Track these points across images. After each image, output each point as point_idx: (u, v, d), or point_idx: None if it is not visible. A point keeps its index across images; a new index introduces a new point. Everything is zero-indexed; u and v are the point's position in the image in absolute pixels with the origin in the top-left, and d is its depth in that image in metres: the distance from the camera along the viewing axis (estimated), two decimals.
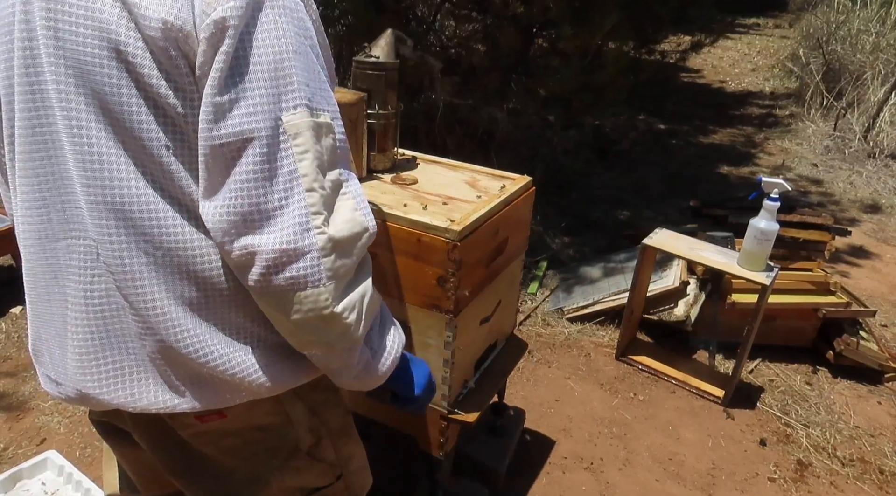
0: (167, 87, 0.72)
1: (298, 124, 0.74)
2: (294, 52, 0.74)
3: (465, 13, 3.72)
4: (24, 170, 0.80)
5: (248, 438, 0.96)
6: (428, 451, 1.57)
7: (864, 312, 2.67)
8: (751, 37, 9.20)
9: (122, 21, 0.70)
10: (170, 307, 0.80)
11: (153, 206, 0.76)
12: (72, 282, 0.82)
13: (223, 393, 0.86)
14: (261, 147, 0.72)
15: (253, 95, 0.71)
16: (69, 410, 2.19)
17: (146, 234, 0.77)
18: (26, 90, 0.76)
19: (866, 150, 5.26)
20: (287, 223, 0.73)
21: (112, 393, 0.84)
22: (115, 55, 0.71)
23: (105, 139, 0.74)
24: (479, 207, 1.36)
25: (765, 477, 2.14)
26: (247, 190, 0.72)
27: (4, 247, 2.75)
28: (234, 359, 0.83)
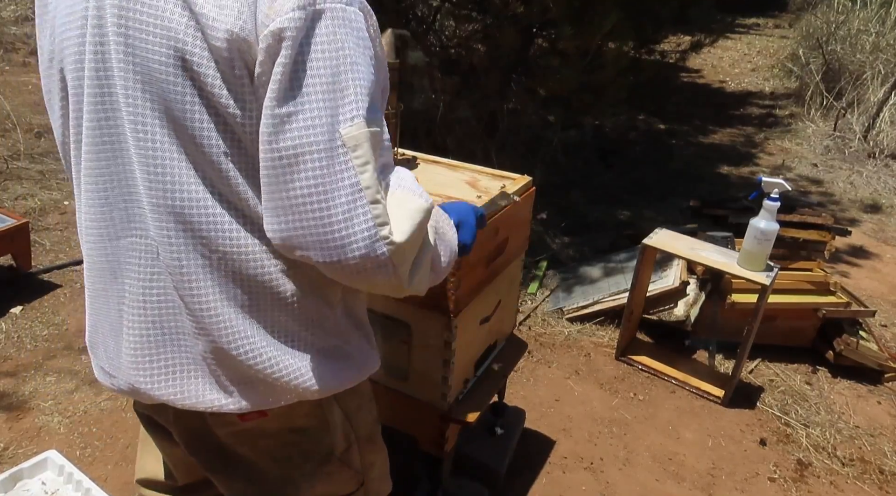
0: (228, 96, 0.73)
1: (357, 136, 0.73)
2: (352, 63, 0.73)
3: (465, 13, 3.73)
4: (90, 168, 0.82)
5: (284, 440, 0.97)
6: (428, 451, 1.57)
7: (864, 312, 2.67)
8: (751, 37, 9.20)
9: (189, 30, 0.71)
10: (223, 309, 0.82)
11: (211, 211, 0.78)
12: (130, 280, 0.84)
13: (269, 394, 0.88)
14: (319, 160, 0.72)
15: (311, 107, 0.71)
16: (69, 410, 2.19)
17: (203, 237, 0.79)
18: (96, 92, 0.78)
19: (866, 150, 5.26)
20: (357, 238, 0.74)
21: (162, 388, 0.87)
22: (181, 63, 0.72)
23: (168, 144, 0.76)
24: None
25: (765, 476, 2.14)
26: (308, 205, 0.73)
27: (5, 247, 2.75)
28: (283, 362, 0.85)
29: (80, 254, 3.10)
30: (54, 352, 2.47)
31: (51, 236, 3.24)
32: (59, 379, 2.33)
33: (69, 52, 0.80)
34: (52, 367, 2.38)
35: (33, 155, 4.04)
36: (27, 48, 5.81)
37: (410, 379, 1.49)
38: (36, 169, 3.88)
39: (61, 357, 2.44)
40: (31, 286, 2.84)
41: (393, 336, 1.44)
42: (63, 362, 2.42)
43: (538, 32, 3.62)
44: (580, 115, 4.38)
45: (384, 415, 1.57)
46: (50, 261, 3.03)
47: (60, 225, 3.37)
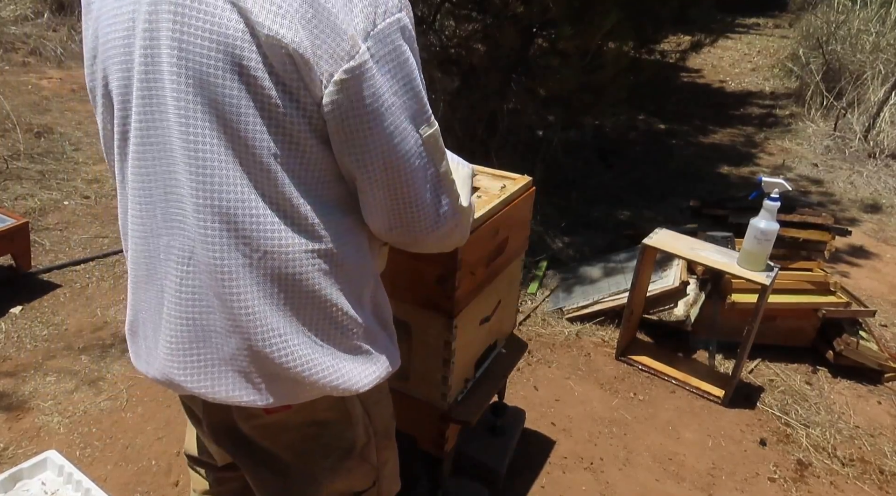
0: (283, 100, 0.76)
1: (432, 133, 0.85)
2: (415, 68, 0.81)
3: (465, 13, 3.72)
4: (136, 167, 0.85)
5: (306, 434, 1.00)
6: (428, 451, 1.57)
7: (864, 312, 2.67)
8: (751, 37, 9.19)
9: (245, 37, 0.73)
10: (259, 307, 0.84)
11: (256, 211, 0.81)
12: (169, 276, 0.87)
13: (298, 391, 0.91)
14: (412, 163, 0.83)
15: (399, 122, 0.80)
16: (69, 410, 2.19)
17: (246, 236, 0.81)
18: (144, 94, 0.81)
19: (866, 150, 5.26)
20: (444, 214, 0.91)
21: (194, 382, 0.90)
22: (235, 68, 0.75)
23: (217, 146, 0.78)
24: (479, 208, 1.36)
25: (765, 477, 2.14)
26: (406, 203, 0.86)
27: (4, 247, 2.75)
28: (314, 360, 0.88)
29: (79, 254, 3.10)
30: (54, 352, 2.47)
31: (50, 236, 3.24)
32: (58, 379, 2.33)
33: (114, 52, 0.83)
34: (52, 367, 2.38)
35: (33, 155, 4.04)
36: (27, 48, 5.81)
37: (410, 379, 1.49)
38: (36, 169, 3.88)
39: (61, 357, 2.44)
40: (31, 286, 2.84)
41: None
42: (63, 362, 2.42)
43: (538, 32, 3.62)
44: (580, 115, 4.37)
45: None
46: (50, 262, 3.03)
47: (60, 225, 3.37)
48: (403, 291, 1.38)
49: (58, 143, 4.27)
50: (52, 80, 5.43)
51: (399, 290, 1.38)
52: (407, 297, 1.38)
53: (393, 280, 1.38)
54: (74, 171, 3.94)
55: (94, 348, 2.50)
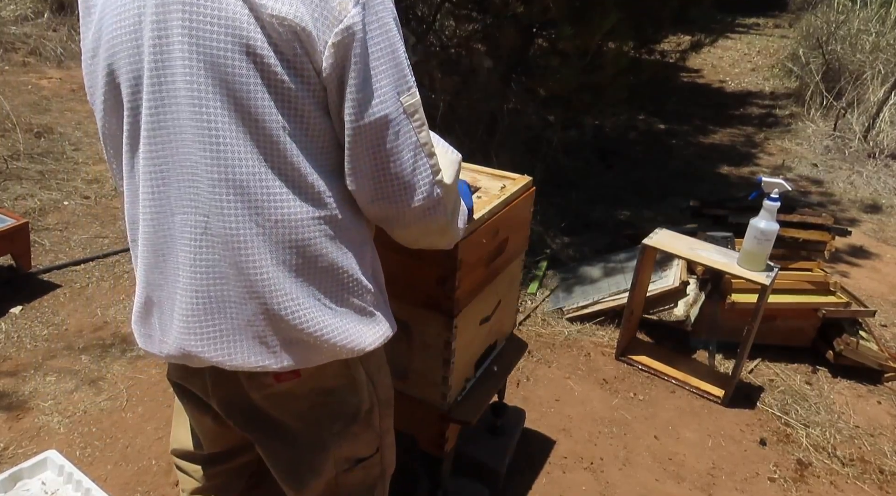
0: (289, 75, 0.83)
1: (413, 103, 0.90)
2: (398, 40, 0.88)
3: (465, 13, 3.72)
4: (149, 153, 0.90)
5: (314, 402, 1.05)
6: (428, 451, 1.57)
7: (864, 312, 2.67)
8: (751, 37, 9.20)
9: (250, 20, 0.80)
10: (274, 272, 0.90)
11: (267, 183, 0.87)
12: (183, 252, 0.91)
13: (310, 353, 0.96)
14: (392, 129, 0.88)
15: (382, 85, 0.86)
16: (69, 410, 2.19)
17: (259, 207, 0.87)
18: (155, 82, 0.86)
19: (866, 150, 5.26)
20: (422, 184, 0.93)
21: (211, 351, 0.94)
22: (243, 50, 0.81)
23: (229, 124, 0.84)
24: (479, 208, 1.36)
25: (765, 476, 2.14)
26: (385, 165, 0.90)
27: (4, 247, 2.75)
28: (324, 322, 0.94)
29: (79, 254, 3.10)
30: (54, 352, 2.47)
31: (50, 236, 3.24)
32: (58, 379, 2.33)
33: (121, 48, 0.87)
34: (52, 367, 2.38)
35: (33, 155, 4.04)
36: (27, 48, 5.81)
37: (410, 379, 1.49)
38: (36, 169, 3.88)
39: (61, 357, 2.44)
40: (31, 286, 2.84)
41: (393, 336, 1.44)
42: (63, 362, 2.42)
43: (538, 32, 3.62)
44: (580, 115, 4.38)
45: None
46: (50, 262, 3.03)
47: (60, 225, 3.37)
48: (403, 291, 1.38)
49: (58, 143, 4.27)
50: (52, 80, 5.43)
51: (399, 290, 1.38)
52: (407, 297, 1.38)
53: (393, 280, 1.38)
54: (74, 171, 3.94)
55: (94, 348, 2.50)
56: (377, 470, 1.19)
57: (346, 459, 1.11)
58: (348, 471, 1.13)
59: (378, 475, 1.20)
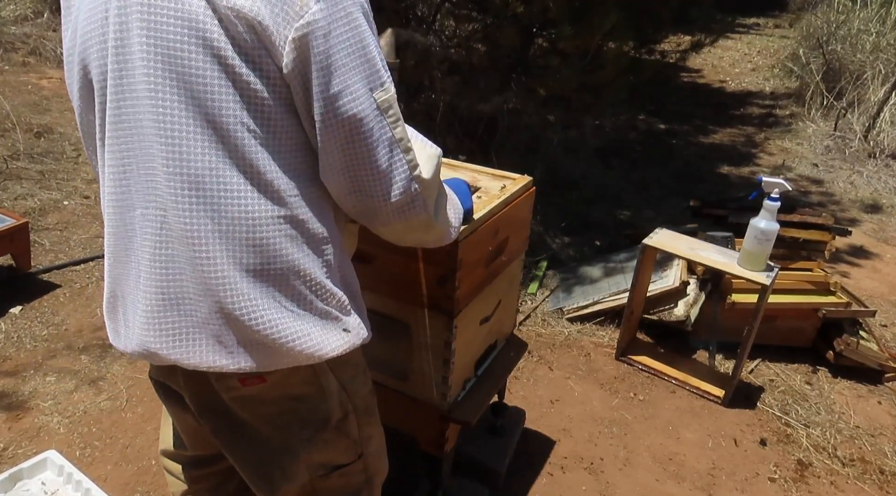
0: (249, 71, 0.82)
1: (387, 99, 0.88)
2: (368, 35, 0.86)
3: (465, 13, 3.72)
4: (111, 147, 0.90)
5: (284, 408, 1.02)
6: (428, 451, 1.57)
7: (864, 312, 2.67)
8: (751, 37, 9.19)
9: (206, 13, 0.79)
10: (229, 271, 0.87)
11: (223, 178, 0.85)
12: (144, 247, 0.91)
13: (268, 357, 0.93)
14: (366, 126, 0.86)
15: (351, 82, 0.84)
16: (69, 410, 2.19)
17: (215, 202, 0.85)
18: (117, 77, 0.86)
19: (867, 150, 5.25)
20: (399, 180, 0.91)
21: (169, 349, 0.92)
22: (201, 43, 0.80)
23: (186, 117, 0.83)
24: (479, 208, 1.36)
25: (765, 477, 2.14)
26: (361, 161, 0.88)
27: (4, 247, 2.75)
28: (283, 324, 0.91)
29: (79, 254, 3.10)
30: (54, 352, 2.47)
31: (50, 236, 3.24)
32: (58, 379, 2.33)
33: (92, 44, 0.88)
34: (52, 367, 2.38)
35: (33, 155, 4.04)
36: (27, 48, 5.81)
37: (410, 379, 1.49)
38: (35, 169, 3.88)
39: (61, 357, 2.44)
40: (31, 286, 2.84)
41: (393, 336, 1.44)
42: (63, 362, 2.42)
43: (538, 32, 3.61)
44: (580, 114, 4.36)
45: (384, 415, 1.57)
46: (49, 261, 3.03)
47: (60, 225, 3.37)
48: (403, 291, 1.38)
49: (58, 143, 4.26)
50: (52, 80, 5.42)
51: (399, 290, 1.38)
52: (407, 297, 1.38)
53: (393, 280, 1.38)
54: (74, 171, 3.94)
55: (94, 348, 2.50)
56: (360, 477, 1.16)
57: (320, 465, 1.09)
58: (325, 477, 1.11)
59: (362, 482, 1.17)
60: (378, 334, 1.45)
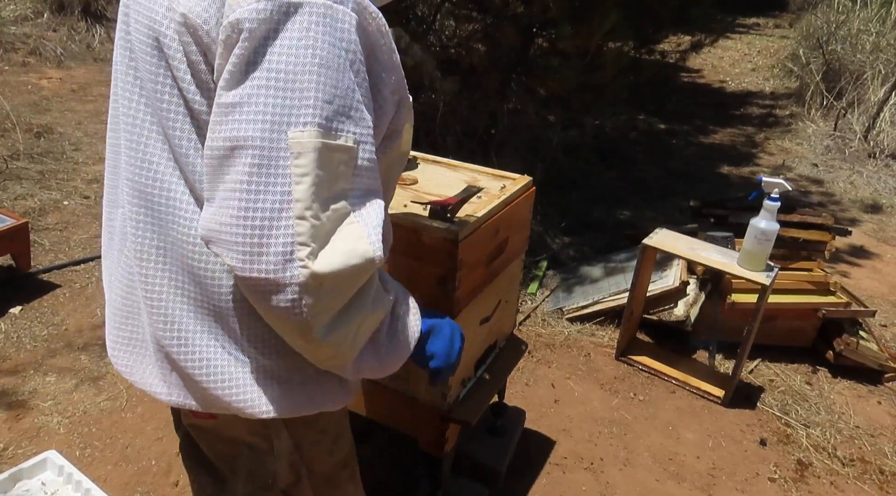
0: (191, 80, 0.74)
1: (304, 144, 0.68)
2: (321, 65, 0.68)
3: (465, 13, 3.72)
4: (107, 141, 0.89)
5: (236, 452, 0.93)
6: (428, 451, 1.57)
7: (864, 312, 2.67)
8: (751, 37, 9.19)
9: (166, 16, 0.73)
10: (166, 295, 0.80)
11: (170, 194, 0.78)
12: (115, 248, 0.89)
13: (202, 400, 0.84)
14: (253, 157, 0.67)
15: (257, 102, 0.67)
16: (69, 410, 2.19)
17: (161, 218, 0.78)
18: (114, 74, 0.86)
19: (867, 150, 5.25)
20: (269, 251, 0.67)
21: (120, 357, 0.89)
22: (157, 45, 0.75)
23: (144, 122, 0.79)
24: (479, 207, 1.36)
25: (765, 477, 2.14)
26: (232, 200, 0.67)
27: (4, 247, 2.75)
28: (215, 367, 0.80)
29: (79, 254, 3.10)
30: (54, 352, 2.47)
31: (50, 236, 3.24)
32: (58, 379, 2.33)
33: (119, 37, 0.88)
34: (52, 367, 2.38)
35: (33, 155, 4.04)
36: (27, 48, 5.80)
37: (410, 379, 1.49)
38: (35, 169, 3.87)
39: (61, 357, 2.44)
40: (31, 286, 2.84)
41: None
42: (63, 362, 2.41)
43: (538, 32, 3.61)
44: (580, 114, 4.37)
45: (384, 416, 1.57)
46: (49, 261, 3.03)
47: (60, 225, 3.36)
48: None
49: (58, 143, 4.26)
50: (52, 80, 5.42)
51: None
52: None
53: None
54: (74, 171, 3.94)
55: (93, 348, 2.50)
56: None
57: None
58: None
59: None
60: None
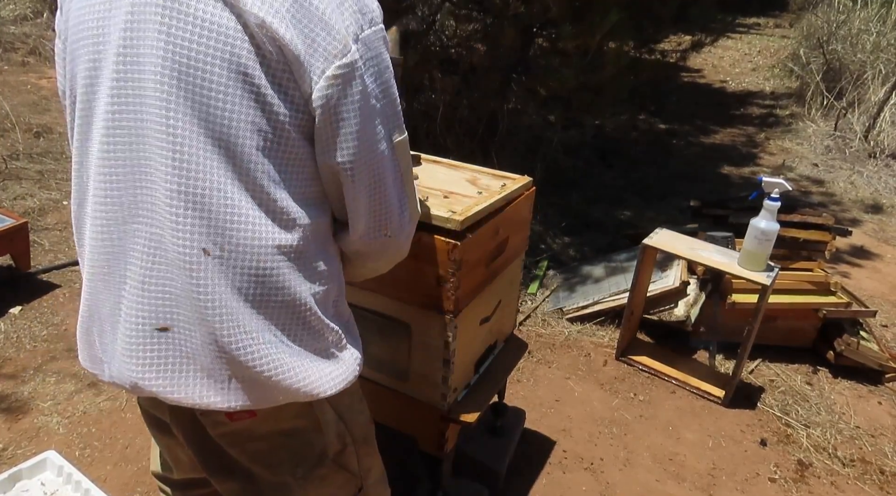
0: (275, 95, 0.78)
1: (403, 140, 0.90)
2: (392, 77, 0.86)
3: (466, 13, 3.72)
4: (104, 152, 0.83)
5: (274, 444, 0.97)
6: (428, 451, 1.57)
7: (865, 312, 2.66)
8: (751, 36, 9.19)
9: (238, 29, 0.76)
10: (227, 301, 0.82)
11: (231, 201, 0.80)
12: (133, 266, 0.84)
13: (263, 393, 0.88)
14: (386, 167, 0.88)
15: (379, 125, 0.85)
16: (68, 411, 2.19)
17: (219, 226, 0.80)
18: (118, 79, 0.80)
19: (867, 150, 5.25)
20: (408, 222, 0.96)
21: (151, 380, 0.86)
22: (226, 59, 0.76)
23: (196, 133, 0.78)
24: (480, 201, 1.36)
25: (765, 477, 2.14)
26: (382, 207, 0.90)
27: (4, 247, 2.75)
28: (280, 361, 0.86)
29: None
30: (54, 352, 2.47)
31: (50, 236, 3.24)
32: (58, 379, 2.33)
33: (83, 44, 0.83)
34: (52, 368, 2.38)
35: (32, 155, 4.04)
36: (26, 48, 5.81)
37: (410, 379, 1.49)
38: (35, 169, 3.87)
39: (61, 357, 2.44)
40: (30, 286, 2.84)
41: (393, 336, 1.44)
42: (62, 363, 2.41)
43: (538, 32, 3.61)
44: (580, 114, 4.37)
45: (384, 416, 1.56)
46: (49, 262, 3.03)
47: (59, 225, 3.36)
48: (403, 291, 1.37)
49: (57, 143, 4.26)
50: (51, 79, 5.42)
51: (399, 290, 1.38)
52: (407, 297, 1.38)
53: (393, 280, 1.37)
54: None
55: None
56: None
57: None
58: None
59: None
60: (378, 334, 1.45)
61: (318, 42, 0.77)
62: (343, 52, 0.78)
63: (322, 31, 0.77)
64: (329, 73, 0.78)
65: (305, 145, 0.83)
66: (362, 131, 0.82)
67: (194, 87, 0.77)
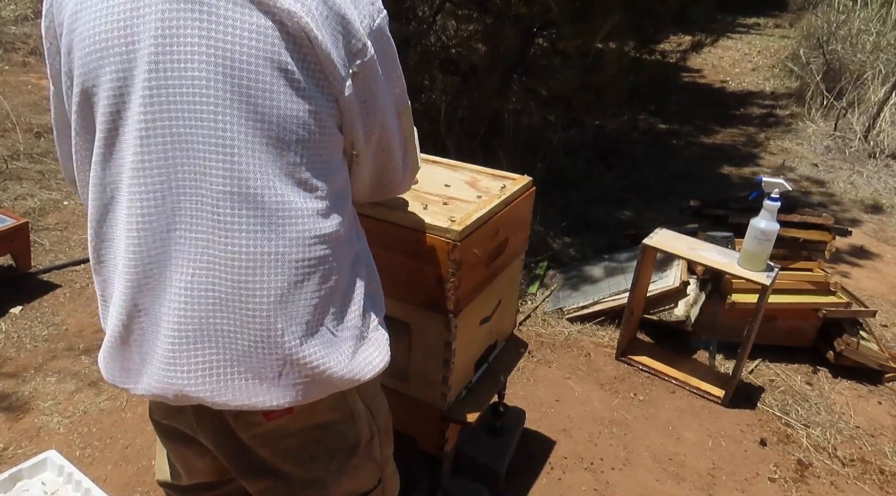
0: (313, 89, 0.83)
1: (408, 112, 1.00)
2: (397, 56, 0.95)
3: (466, 13, 3.72)
4: (138, 161, 0.82)
5: (308, 439, 0.98)
6: (428, 451, 1.57)
7: (865, 312, 2.66)
8: (751, 36, 9.19)
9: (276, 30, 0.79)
10: (279, 297, 0.84)
11: (283, 196, 0.83)
12: (178, 272, 0.83)
13: (309, 388, 0.89)
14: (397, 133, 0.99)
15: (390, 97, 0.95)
16: (69, 410, 2.19)
17: (274, 222, 0.82)
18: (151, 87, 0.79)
19: (867, 150, 5.25)
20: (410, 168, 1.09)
21: (196, 386, 0.86)
22: (269, 59, 0.79)
23: (246, 134, 0.80)
24: (479, 207, 1.36)
25: (765, 477, 2.14)
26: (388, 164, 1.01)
27: (4, 247, 2.75)
28: (326, 353, 0.88)
29: (79, 254, 3.10)
30: (54, 352, 2.47)
31: (50, 236, 3.24)
32: (58, 379, 2.33)
33: (104, 45, 0.80)
34: (52, 368, 2.38)
35: (33, 155, 4.04)
36: (27, 48, 5.81)
37: (410, 379, 1.49)
38: (35, 169, 3.88)
39: (61, 357, 2.44)
40: (31, 286, 2.84)
41: (393, 336, 1.44)
42: (63, 362, 2.42)
43: (539, 32, 3.61)
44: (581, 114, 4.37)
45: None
46: (49, 262, 3.03)
47: (60, 225, 3.37)
48: (403, 291, 1.38)
49: None
50: None
51: (399, 290, 1.38)
52: (407, 297, 1.38)
53: (393, 280, 1.38)
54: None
55: (94, 348, 2.50)
56: None
57: (349, 494, 1.05)
58: None
59: None
60: None
61: (341, 41, 0.82)
62: (363, 52, 0.85)
63: (344, 30, 0.83)
64: (353, 70, 0.85)
65: (338, 134, 0.88)
66: (381, 109, 0.91)
67: (241, 87, 0.79)
